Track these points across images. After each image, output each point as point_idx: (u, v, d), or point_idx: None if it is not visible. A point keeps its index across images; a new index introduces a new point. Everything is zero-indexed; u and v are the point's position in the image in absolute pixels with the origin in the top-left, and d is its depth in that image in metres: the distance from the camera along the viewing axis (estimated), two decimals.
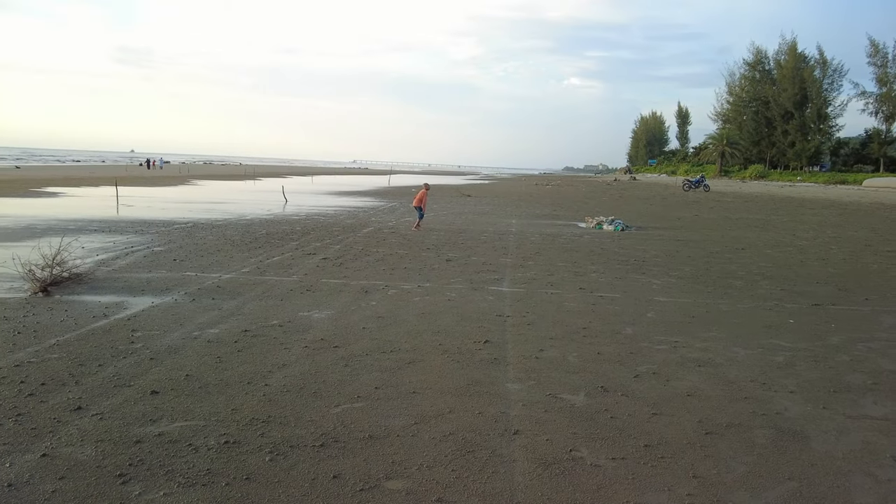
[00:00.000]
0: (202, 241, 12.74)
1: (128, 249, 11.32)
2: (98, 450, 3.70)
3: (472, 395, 4.78)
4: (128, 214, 17.97)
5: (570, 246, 14.12)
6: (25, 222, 15.14)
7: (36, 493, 3.22)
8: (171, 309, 7.10)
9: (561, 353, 5.92)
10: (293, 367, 5.27)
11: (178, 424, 4.08)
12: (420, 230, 15.99)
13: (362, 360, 5.50)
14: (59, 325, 6.32)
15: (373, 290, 8.48)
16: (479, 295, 8.44)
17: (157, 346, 5.72)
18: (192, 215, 18.23)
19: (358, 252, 11.94)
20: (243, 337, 6.08)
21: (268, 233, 14.43)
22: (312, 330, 6.43)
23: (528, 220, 20.69)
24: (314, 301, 7.75)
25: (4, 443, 3.74)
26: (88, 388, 4.63)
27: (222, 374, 5.02)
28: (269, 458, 3.67)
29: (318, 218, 18.77)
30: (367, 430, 4.11)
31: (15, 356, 5.30)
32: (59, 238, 9.27)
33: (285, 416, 4.26)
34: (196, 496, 3.25)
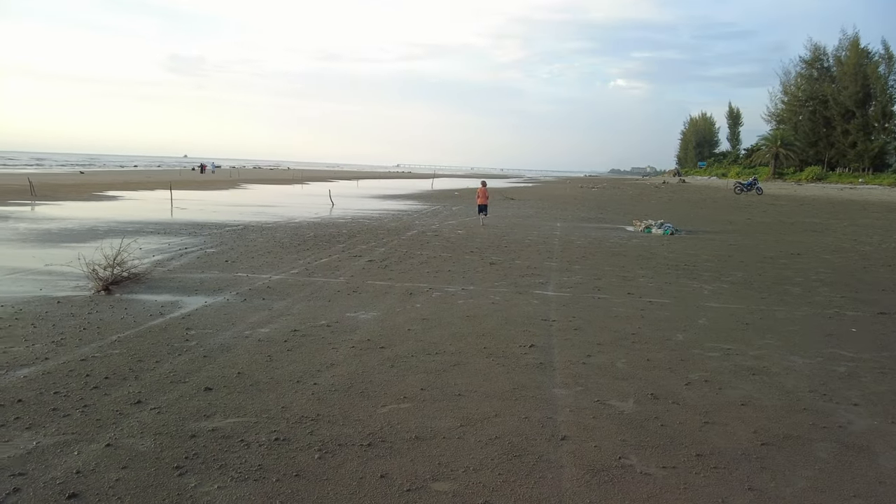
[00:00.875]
0: (253, 243, 13.11)
1: (182, 251, 11.75)
2: (157, 442, 3.85)
3: (517, 400, 4.74)
4: (182, 217, 18.64)
5: (618, 250, 13.86)
6: (89, 224, 15.90)
7: (101, 480, 3.37)
8: (224, 308, 7.33)
9: (609, 359, 5.81)
10: (341, 366, 5.35)
11: (231, 420, 4.20)
12: (483, 226, 18.10)
13: (408, 362, 5.54)
14: (120, 322, 6.61)
15: (417, 293, 8.53)
16: (524, 299, 8.38)
17: (210, 344, 5.91)
18: (243, 218, 18.78)
19: (402, 255, 12.04)
20: (293, 336, 6.22)
21: (315, 235, 14.72)
22: (359, 331, 6.52)
23: (573, 224, 20.43)
24: (360, 302, 7.86)
25: (73, 432, 3.94)
26: (147, 383, 4.82)
27: (273, 373, 5.15)
28: (318, 455, 3.74)
29: (363, 221, 19.04)
30: (413, 430, 4.13)
31: (81, 351, 5.58)
32: (118, 239, 9.71)
33: (333, 415, 4.32)
34: (248, 490, 3.33)
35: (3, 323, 6.42)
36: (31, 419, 4.12)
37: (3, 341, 5.78)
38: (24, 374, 4.94)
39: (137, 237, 13.15)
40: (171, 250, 11.78)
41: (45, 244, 12.26)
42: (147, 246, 12.10)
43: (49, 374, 4.97)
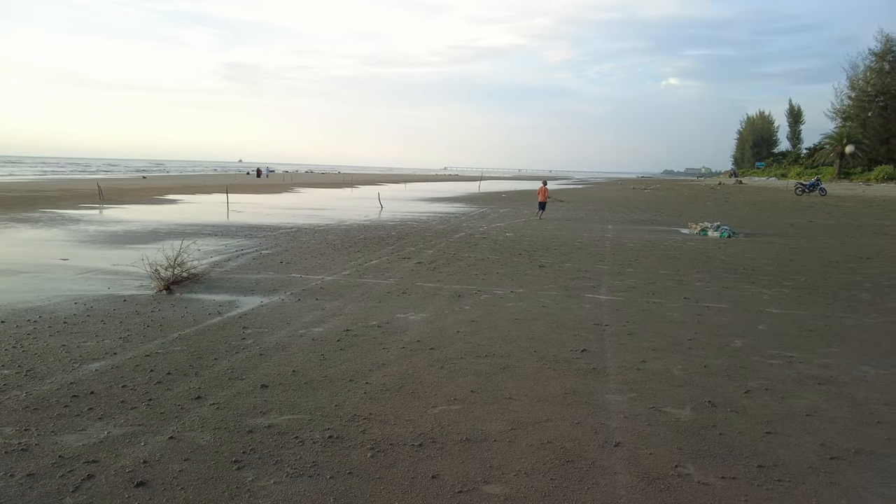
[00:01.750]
0: (305, 245, 13.42)
1: (238, 252, 12.14)
2: (216, 437, 3.98)
3: (570, 405, 4.67)
4: (237, 220, 19.27)
5: (673, 253, 13.49)
6: (151, 227, 16.64)
7: (166, 471, 3.52)
8: (279, 308, 7.53)
9: (664, 365, 5.65)
10: (391, 366, 5.41)
11: (286, 417, 4.30)
12: (541, 220, 21.06)
13: (457, 364, 5.54)
14: (181, 320, 6.88)
15: (466, 295, 8.54)
16: (575, 302, 8.25)
17: (265, 342, 6.08)
18: (296, 221, 19.25)
19: (450, 257, 12.07)
20: (345, 336, 6.33)
21: (365, 238, 14.94)
22: (409, 331, 6.58)
23: (625, 226, 20.02)
24: (410, 304, 7.92)
25: (140, 424, 4.13)
26: (206, 380, 5.00)
27: (326, 371, 5.25)
28: (371, 454, 3.79)
29: (411, 223, 19.20)
30: (464, 432, 4.13)
31: (145, 347, 5.84)
32: (178, 241, 10.12)
33: (385, 415, 4.37)
34: (303, 486, 3.41)
35: (76, 319, 6.79)
36: (102, 410, 4.34)
37: (77, 336, 6.12)
38: (95, 368, 5.21)
39: (196, 239, 13.67)
40: (228, 252, 12.19)
41: (112, 245, 12.90)
42: (205, 247, 12.56)
43: (117, 368, 5.23)
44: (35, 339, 6.00)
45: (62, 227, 16.01)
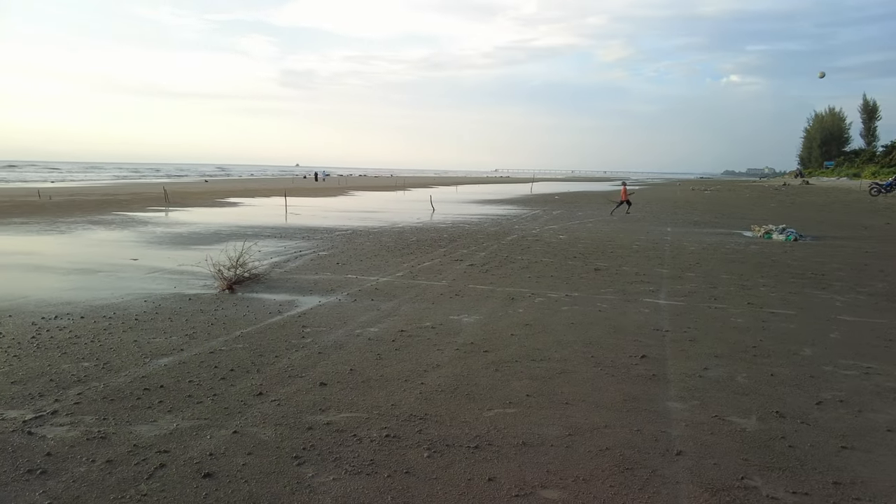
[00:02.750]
0: (360, 246, 13.66)
1: (297, 253, 12.47)
2: (277, 432, 4.10)
3: (629, 411, 4.56)
4: (295, 222, 19.81)
5: (735, 257, 12.97)
6: (213, 228, 17.32)
7: (230, 464, 3.65)
8: (336, 308, 7.69)
9: (728, 373, 5.44)
10: (446, 368, 5.43)
11: (344, 415, 4.38)
12: (612, 215, 23.63)
13: (512, 367, 5.50)
14: (243, 318, 7.12)
15: (519, 298, 8.47)
16: (633, 307, 8.06)
17: (324, 341, 6.21)
18: (351, 223, 19.63)
19: (503, 259, 12.02)
20: (400, 336, 6.40)
21: (418, 240, 15.07)
22: (462, 333, 6.58)
23: (684, 228, 19.40)
24: (463, 306, 7.93)
25: (205, 417, 4.30)
26: (268, 376, 5.16)
27: (382, 371, 5.32)
28: (427, 454, 3.81)
29: (463, 226, 19.23)
30: (520, 436, 4.09)
31: (210, 344, 6.08)
32: (240, 243, 10.49)
33: (440, 416, 4.39)
34: (361, 484, 3.46)
35: (146, 316, 7.14)
36: (171, 403, 4.54)
37: (147, 333, 6.43)
38: (164, 363, 5.46)
39: (256, 241, 14.13)
40: (287, 253, 12.54)
41: (177, 246, 13.50)
42: (265, 249, 12.96)
43: (184, 363, 5.46)
44: (110, 335, 6.35)
45: (132, 229, 16.88)
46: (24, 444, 3.86)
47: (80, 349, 5.84)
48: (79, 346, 5.92)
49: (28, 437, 3.95)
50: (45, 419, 4.23)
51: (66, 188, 42.73)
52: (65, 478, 3.46)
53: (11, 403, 4.51)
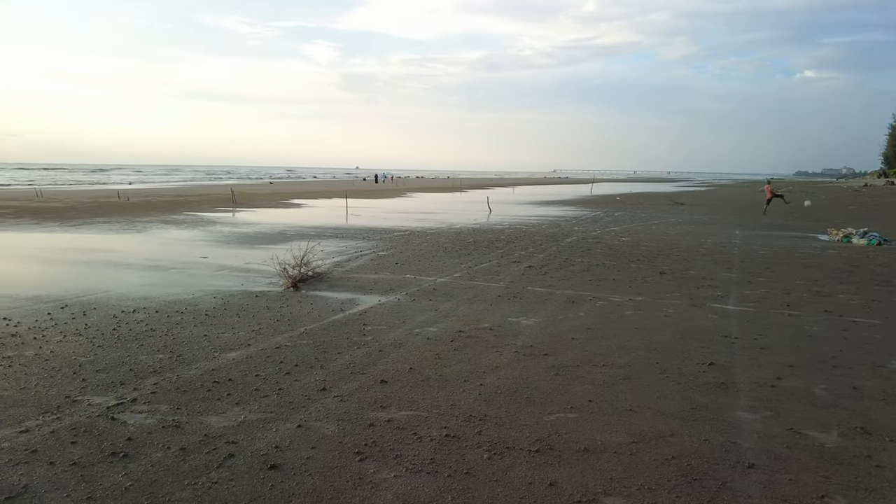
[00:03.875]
0: (418, 247, 13.78)
1: (357, 253, 12.71)
2: (340, 428, 4.18)
3: (696, 420, 4.39)
4: (355, 223, 20.21)
5: (811, 261, 12.28)
6: (278, 229, 17.90)
7: (295, 457, 3.75)
8: (395, 307, 7.78)
9: (804, 384, 5.14)
10: (505, 370, 5.39)
11: (405, 413, 4.42)
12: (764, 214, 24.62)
13: (573, 371, 5.40)
14: (307, 315, 7.32)
15: (580, 301, 8.32)
16: (700, 312, 7.76)
17: (384, 339, 6.30)
18: (409, 224, 19.84)
19: (562, 261, 11.84)
20: (458, 337, 6.40)
21: (475, 241, 15.06)
22: (521, 336, 6.52)
23: (754, 231, 18.54)
24: (521, 308, 7.86)
25: (271, 411, 4.43)
26: (331, 373, 5.27)
27: (441, 370, 5.34)
28: (487, 456, 3.79)
29: (520, 227, 19.08)
30: (582, 442, 4.01)
31: (276, 339, 6.28)
32: (303, 242, 10.80)
33: (500, 417, 4.36)
34: (421, 482, 3.47)
35: (216, 312, 7.45)
36: (239, 396, 4.71)
37: (216, 328, 6.71)
38: (232, 357, 5.68)
39: (319, 240, 14.50)
40: (348, 253, 12.81)
41: (244, 245, 14.03)
42: (327, 248, 13.28)
43: (251, 358, 5.66)
44: (182, 329, 6.66)
45: (202, 229, 17.67)
46: (108, 428, 4.10)
47: (156, 342, 6.15)
48: (154, 339, 6.24)
49: (111, 423, 4.19)
50: (126, 406, 4.48)
51: (142, 190, 45.28)
52: (143, 462, 3.65)
53: (97, 390, 4.80)
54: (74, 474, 3.50)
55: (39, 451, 3.78)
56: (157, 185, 56.69)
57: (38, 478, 3.46)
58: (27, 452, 3.75)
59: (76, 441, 3.91)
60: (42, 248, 13.48)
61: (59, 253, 12.65)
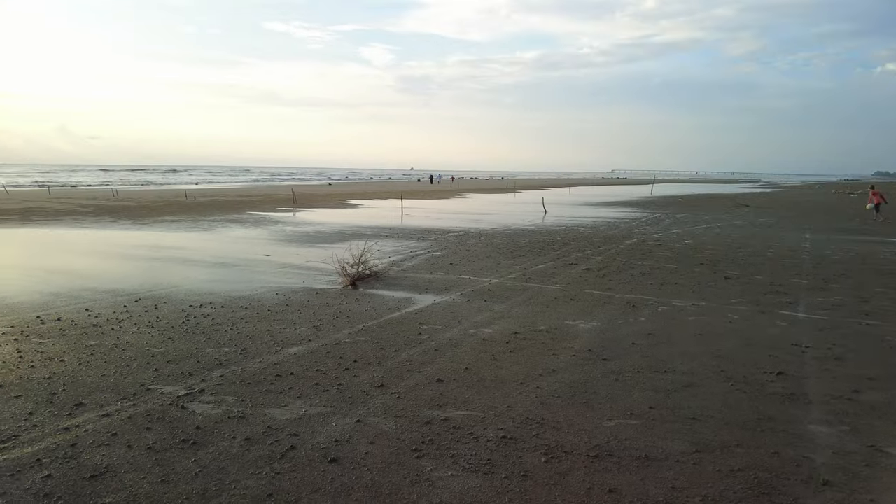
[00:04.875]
0: (473, 248, 13.79)
1: (412, 253, 12.85)
2: (397, 424, 4.23)
3: (763, 432, 4.20)
4: (410, 223, 20.42)
5: (891, 268, 11.52)
6: (336, 228, 18.31)
7: (354, 451, 3.82)
8: (450, 307, 7.81)
9: (886, 398, 4.83)
10: (562, 373, 5.32)
11: (461, 413, 4.43)
12: (875, 220, 22.63)
13: (633, 377, 5.27)
14: (364, 313, 7.45)
15: (640, 305, 8.11)
16: (768, 319, 7.42)
17: (440, 339, 6.34)
18: (463, 225, 19.88)
19: (621, 264, 11.57)
20: (513, 339, 6.37)
21: (530, 242, 14.94)
22: (579, 339, 6.42)
23: (827, 235, 17.57)
24: (579, 311, 7.73)
25: (331, 406, 4.54)
26: (388, 370, 5.35)
27: (497, 372, 5.32)
28: (545, 459, 3.75)
29: (577, 229, 18.78)
30: (642, 448, 3.91)
31: (335, 336, 6.42)
32: (360, 242, 11.00)
33: (558, 421, 4.30)
34: (478, 482, 3.47)
35: (278, 308, 7.70)
36: (300, 390, 4.85)
37: (278, 323, 6.93)
38: (294, 352, 5.85)
39: (376, 240, 14.74)
40: (404, 252, 12.96)
41: (304, 244, 14.42)
42: (384, 248, 13.48)
43: (312, 353, 5.81)
44: (247, 323, 6.91)
45: (264, 228, 18.28)
46: (178, 416, 4.31)
47: (222, 335, 6.41)
48: (220, 333, 6.51)
49: (181, 411, 4.40)
50: (195, 396, 4.69)
51: (208, 190, 47.28)
52: (211, 450, 3.81)
53: (168, 380, 5.05)
54: (150, 458, 3.70)
55: (119, 434, 4.01)
56: (222, 186, 59.09)
57: (118, 459, 3.68)
58: (108, 435, 3.99)
59: (151, 427, 4.13)
60: (118, 244, 14.29)
61: (133, 249, 13.38)
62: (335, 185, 60.80)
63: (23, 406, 4.47)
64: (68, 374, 5.18)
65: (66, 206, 26.46)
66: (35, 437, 3.96)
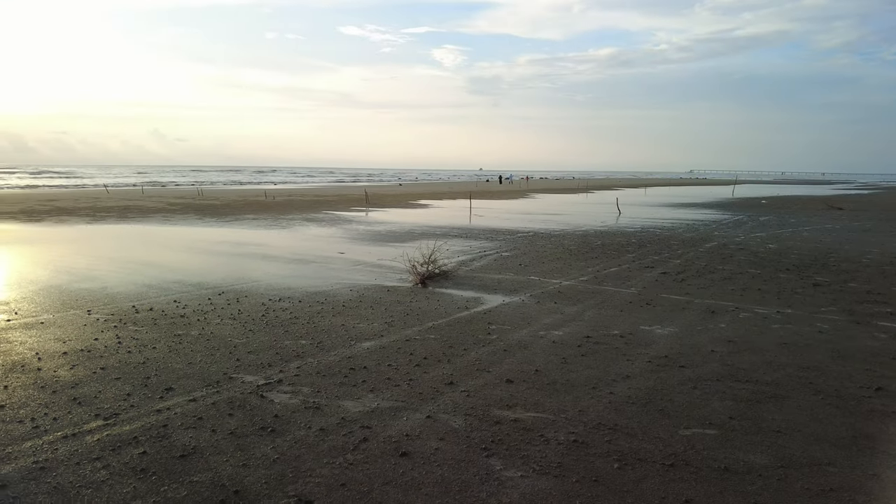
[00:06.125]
0: (542, 249, 13.63)
1: (481, 253, 12.85)
2: (466, 422, 4.25)
3: (860, 451, 3.90)
4: (479, 223, 20.43)
5: None
6: (406, 228, 18.59)
7: (424, 447, 3.87)
8: (519, 308, 7.76)
9: None
10: (637, 379, 5.16)
11: (531, 414, 4.39)
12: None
13: (712, 386, 5.04)
14: (434, 311, 7.53)
15: (720, 311, 7.74)
16: (864, 330, 6.89)
17: (509, 339, 6.31)
18: (532, 225, 19.69)
19: (701, 268, 11.09)
20: (586, 342, 6.24)
21: (603, 244, 14.59)
22: (655, 345, 6.20)
23: None
24: (654, 316, 7.48)
25: (402, 400, 4.62)
26: (457, 368, 5.38)
27: (568, 375, 5.23)
28: (618, 465, 3.65)
29: (653, 230, 18.16)
30: (721, 460, 3.73)
31: (406, 332, 6.53)
32: (429, 241, 11.12)
33: (631, 428, 4.18)
34: (548, 484, 3.43)
35: (351, 304, 7.91)
36: (373, 384, 4.96)
37: (352, 318, 7.12)
38: (366, 346, 5.99)
39: (444, 240, 14.86)
40: (472, 252, 12.99)
41: (376, 243, 14.74)
42: (452, 248, 13.56)
43: (384, 348, 5.94)
44: (322, 318, 7.15)
45: (338, 226, 18.83)
46: (258, 405, 4.52)
47: (299, 328, 6.66)
48: (297, 326, 6.76)
49: (261, 400, 4.61)
50: (273, 386, 4.90)
51: (285, 189, 49.24)
52: (288, 438, 3.97)
53: (248, 370, 5.30)
54: (232, 442, 3.90)
55: (204, 418, 4.25)
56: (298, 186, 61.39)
57: (204, 441, 3.90)
58: (195, 419, 4.24)
59: (233, 413, 4.35)
60: (203, 240, 15.15)
61: (217, 245, 14.14)
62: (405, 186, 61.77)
63: (122, 387, 4.83)
64: (160, 360, 5.55)
65: (157, 204, 28.33)
66: (132, 417, 4.27)
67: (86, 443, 3.87)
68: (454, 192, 44.42)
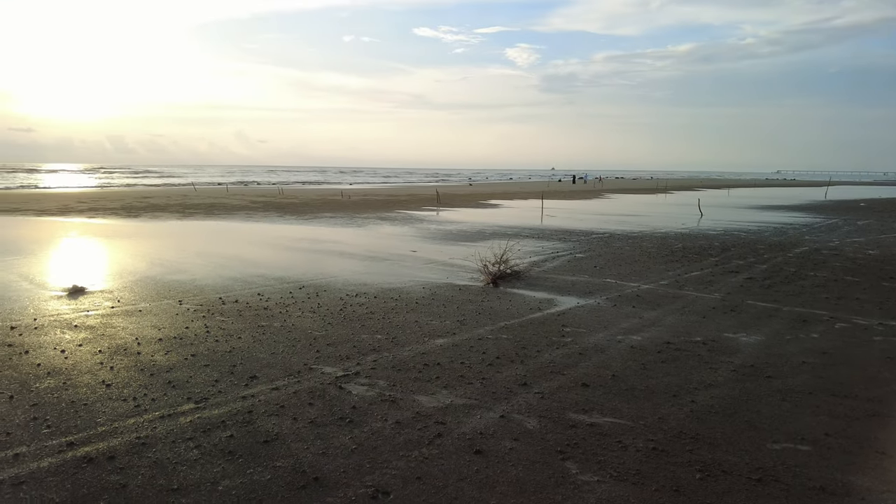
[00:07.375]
0: (619, 250, 13.26)
1: (554, 254, 12.67)
2: (541, 424, 4.20)
3: None
4: (551, 224, 20.14)
5: None
6: (477, 227, 18.61)
7: (499, 446, 3.87)
8: (595, 311, 7.59)
9: None
10: (720, 388, 4.92)
11: (608, 420, 4.29)
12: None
13: (805, 399, 4.74)
14: (506, 311, 7.50)
15: (812, 320, 7.25)
16: None
17: (584, 342, 6.18)
18: (608, 226, 19.20)
19: (790, 274, 10.44)
20: (666, 348, 6.02)
21: (683, 247, 14.02)
22: (740, 353, 5.90)
23: None
24: (739, 323, 7.11)
25: (475, 398, 4.63)
26: (531, 369, 5.33)
27: (647, 381, 5.07)
28: (700, 476, 3.50)
29: (737, 234, 17.26)
30: (816, 479, 3.50)
31: (478, 331, 6.54)
32: (501, 241, 11.07)
33: (715, 438, 4.00)
34: (626, 491, 3.34)
35: (424, 301, 8.01)
36: (446, 381, 5.00)
37: (425, 315, 7.22)
38: (440, 343, 6.05)
39: (516, 240, 14.76)
40: (544, 253, 12.83)
41: (448, 242, 14.84)
42: (524, 248, 13.45)
43: (456, 346, 5.97)
44: (396, 314, 7.28)
45: (411, 225, 19.11)
46: (337, 395, 4.66)
47: (374, 323, 6.82)
48: (373, 321, 6.92)
49: (339, 391, 4.75)
50: (351, 378, 5.05)
51: (360, 189, 50.53)
52: (365, 429, 4.08)
53: (328, 361, 5.48)
54: (312, 431, 4.05)
55: (286, 407, 4.43)
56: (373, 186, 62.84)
57: (286, 429, 4.07)
58: (277, 407, 4.43)
59: (313, 403, 4.51)
60: (283, 236, 15.80)
61: (296, 241, 14.70)
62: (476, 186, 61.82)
63: (210, 374, 5.12)
64: (244, 349, 5.84)
65: (241, 202, 29.82)
66: (220, 402, 4.52)
67: (180, 423, 4.13)
68: (525, 192, 44.04)
